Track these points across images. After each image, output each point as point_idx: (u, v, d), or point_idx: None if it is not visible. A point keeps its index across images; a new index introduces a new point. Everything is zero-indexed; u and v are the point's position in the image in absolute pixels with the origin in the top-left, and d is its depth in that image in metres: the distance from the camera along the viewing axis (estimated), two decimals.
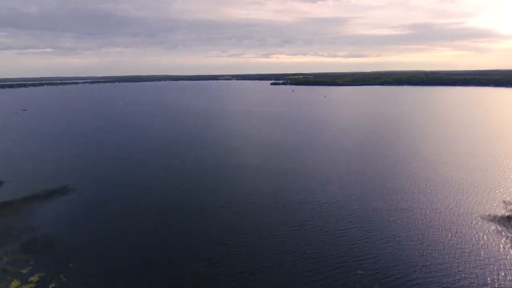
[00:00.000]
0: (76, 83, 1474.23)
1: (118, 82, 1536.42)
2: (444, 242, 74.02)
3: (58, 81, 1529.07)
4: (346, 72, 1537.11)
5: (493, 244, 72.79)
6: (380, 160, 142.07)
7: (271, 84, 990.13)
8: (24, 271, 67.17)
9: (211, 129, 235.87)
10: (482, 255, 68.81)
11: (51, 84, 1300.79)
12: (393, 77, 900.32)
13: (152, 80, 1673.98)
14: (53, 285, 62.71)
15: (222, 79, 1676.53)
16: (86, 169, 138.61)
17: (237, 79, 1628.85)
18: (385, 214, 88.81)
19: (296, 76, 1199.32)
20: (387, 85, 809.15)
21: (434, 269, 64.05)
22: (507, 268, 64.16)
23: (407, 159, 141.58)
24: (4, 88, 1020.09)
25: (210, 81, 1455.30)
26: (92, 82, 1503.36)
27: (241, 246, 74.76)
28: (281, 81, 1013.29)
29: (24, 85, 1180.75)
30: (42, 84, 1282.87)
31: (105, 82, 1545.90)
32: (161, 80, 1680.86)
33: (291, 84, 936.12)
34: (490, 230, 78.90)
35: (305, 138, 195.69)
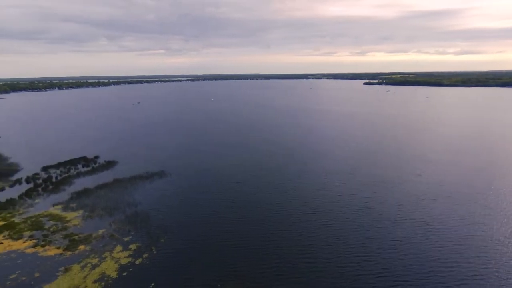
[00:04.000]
0: (180, 80, 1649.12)
1: (215, 80, 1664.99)
2: None
3: (167, 79, 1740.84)
4: (456, 72, 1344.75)
5: None
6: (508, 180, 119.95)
7: (364, 83, 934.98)
8: (125, 239, 78.34)
9: (296, 129, 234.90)
10: None
11: (161, 81, 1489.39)
12: None
13: (244, 79, 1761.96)
14: (146, 255, 71.44)
15: (313, 78, 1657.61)
16: (181, 156, 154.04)
17: (328, 78, 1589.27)
18: None
19: (393, 76, 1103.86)
20: (509, 86, 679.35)
21: None
22: None
23: None
24: (126, 84, 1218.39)
25: (300, 80, 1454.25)
26: (193, 80, 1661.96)
27: (320, 257, 72.47)
28: (375, 81, 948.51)
29: (140, 82, 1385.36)
30: (154, 81, 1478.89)
31: (204, 80, 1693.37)
32: (253, 79, 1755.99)
33: (386, 84, 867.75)
34: None
35: (400, 145, 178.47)
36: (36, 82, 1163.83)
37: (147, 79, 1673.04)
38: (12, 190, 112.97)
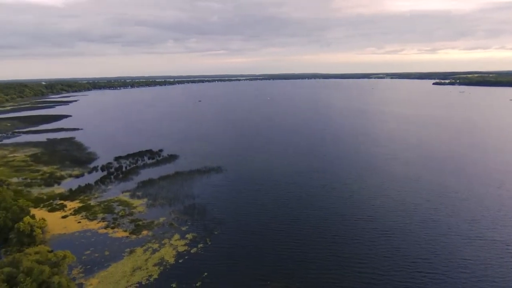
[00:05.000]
0: (239, 80, 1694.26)
1: (273, 79, 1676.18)
2: None
3: (226, 78, 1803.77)
4: None
5: None
6: None
7: (434, 83, 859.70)
8: (183, 228, 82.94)
9: (354, 130, 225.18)
10: None
11: (221, 81, 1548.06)
12: None
13: (302, 78, 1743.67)
14: (201, 245, 74.80)
15: (375, 78, 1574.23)
16: (237, 154, 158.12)
17: (392, 78, 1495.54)
18: None
19: (469, 75, 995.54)
20: None
21: None
22: None
23: None
24: (189, 83, 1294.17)
25: (361, 80, 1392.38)
26: (251, 79, 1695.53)
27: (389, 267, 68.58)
28: (447, 81, 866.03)
29: (202, 81, 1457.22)
30: (214, 80, 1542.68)
31: (261, 79, 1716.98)
32: (311, 78, 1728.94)
33: (460, 84, 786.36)
34: None
35: (475, 153, 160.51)
36: (112, 81, 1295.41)
37: (208, 79, 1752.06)
38: (90, 176, 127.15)
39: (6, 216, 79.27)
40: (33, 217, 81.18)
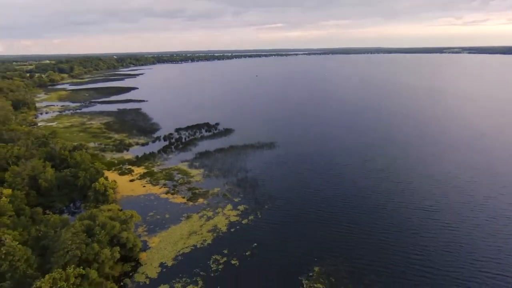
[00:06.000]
0: (296, 54, 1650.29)
1: (332, 54, 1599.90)
2: None
3: (283, 53, 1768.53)
4: None
5: None
6: None
7: None
8: (235, 200, 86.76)
9: (417, 112, 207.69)
10: None
11: (277, 55, 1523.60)
12: None
13: (364, 53, 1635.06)
14: (251, 217, 77.82)
15: (448, 52, 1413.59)
16: (291, 131, 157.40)
17: (470, 52, 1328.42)
18: None
19: None
20: None
21: None
22: None
23: None
24: (246, 58, 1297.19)
25: (431, 55, 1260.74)
26: (309, 54, 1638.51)
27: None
28: None
29: (259, 56, 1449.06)
30: (271, 55, 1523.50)
31: (320, 54, 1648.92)
32: (373, 53, 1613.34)
33: None
34: None
35: None
36: (174, 55, 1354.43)
37: (265, 53, 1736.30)
38: (153, 145, 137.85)
39: (85, 176, 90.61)
40: (106, 178, 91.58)
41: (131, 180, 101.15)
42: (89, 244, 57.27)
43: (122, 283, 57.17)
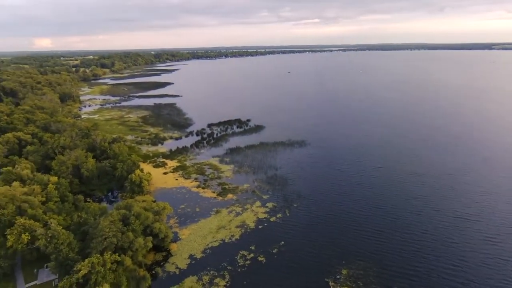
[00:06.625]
0: (331, 50, 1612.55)
1: (369, 50, 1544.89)
2: None
3: (317, 49, 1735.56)
4: None
5: None
6: None
7: None
8: (264, 197, 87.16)
9: (466, 111, 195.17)
10: None
11: (311, 51, 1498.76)
12: None
13: (404, 49, 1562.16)
14: (279, 215, 77.85)
15: (498, 49, 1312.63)
16: (323, 129, 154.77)
17: None
18: None
19: None
20: None
21: None
22: None
23: None
24: (279, 54, 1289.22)
25: (480, 51, 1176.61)
26: (345, 50, 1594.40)
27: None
28: None
29: (292, 52, 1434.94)
30: (305, 51, 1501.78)
31: (357, 50, 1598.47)
32: (414, 49, 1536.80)
33: None
34: None
35: None
36: (209, 51, 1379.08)
37: (299, 49, 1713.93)
38: (186, 140, 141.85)
39: (122, 168, 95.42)
40: (142, 170, 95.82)
41: (165, 173, 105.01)
42: (124, 232, 60.44)
43: (153, 271, 59.81)
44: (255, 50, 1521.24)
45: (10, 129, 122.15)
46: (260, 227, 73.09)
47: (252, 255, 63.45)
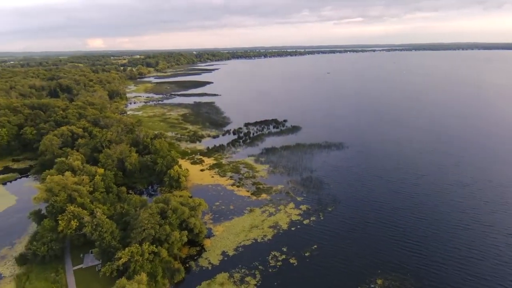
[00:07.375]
0: (374, 50, 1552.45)
1: (415, 50, 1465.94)
2: None
3: (359, 49, 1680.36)
4: None
5: None
6: None
7: None
8: (298, 199, 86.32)
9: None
10: None
11: (353, 51, 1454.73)
12: None
13: (455, 49, 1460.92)
14: (313, 218, 76.67)
15: None
16: (362, 132, 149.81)
17: None
18: None
19: None
20: None
21: None
22: None
23: None
24: (319, 54, 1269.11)
25: None
26: (389, 50, 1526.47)
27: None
28: None
29: (333, 52, 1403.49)
30: (346, 51, 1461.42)
31: (401, 50, 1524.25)
32: (467, 49, 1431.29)
33: None
34: None
35: None
36: (248, 51, 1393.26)
37: (340, 49, 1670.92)
38: (223, 138, 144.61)
39: (162, 163, 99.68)
40: (180, 166, 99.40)
41: (202, 170, 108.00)
42: (162, 225, 63.15)
43: (187, 265, 61.84)
44: (294, 50, 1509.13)
45: (65, 123, 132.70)
46: (293, 229, 72.55)
47: (284, 256, 63.20)
